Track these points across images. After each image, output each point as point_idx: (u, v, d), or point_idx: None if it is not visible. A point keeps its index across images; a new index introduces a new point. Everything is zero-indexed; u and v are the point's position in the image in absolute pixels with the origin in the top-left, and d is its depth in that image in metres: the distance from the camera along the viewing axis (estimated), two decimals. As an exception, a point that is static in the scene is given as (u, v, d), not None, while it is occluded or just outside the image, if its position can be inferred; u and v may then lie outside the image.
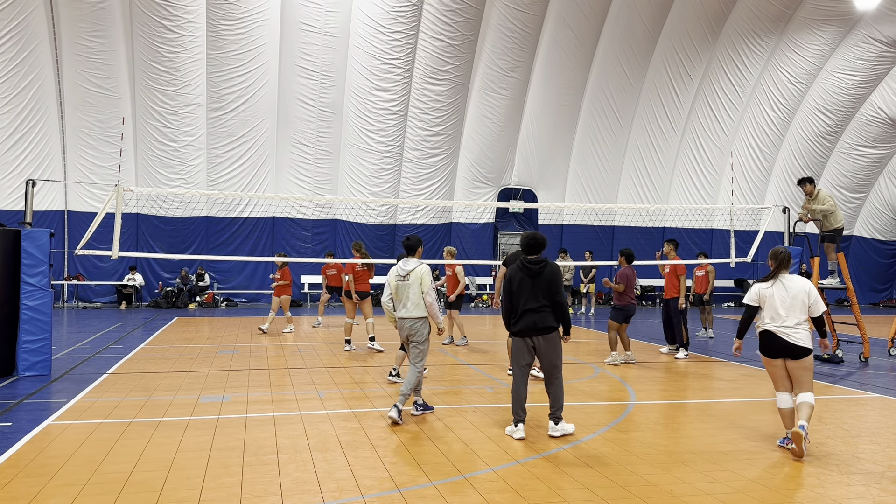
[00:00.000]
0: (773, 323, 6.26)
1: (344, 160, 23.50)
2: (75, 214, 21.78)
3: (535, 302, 6.56)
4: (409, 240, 7.71)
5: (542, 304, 6.56)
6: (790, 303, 6.24)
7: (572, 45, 23.82)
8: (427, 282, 7.34)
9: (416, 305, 7.35)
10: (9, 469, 5.44)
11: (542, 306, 6.55)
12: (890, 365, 11.91)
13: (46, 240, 9.81)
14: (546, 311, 6.56)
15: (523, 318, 6.58)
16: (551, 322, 6.57)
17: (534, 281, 6.59)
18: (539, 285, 6.57)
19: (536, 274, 6.60)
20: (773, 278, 6.42)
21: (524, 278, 6.63)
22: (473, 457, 5.91)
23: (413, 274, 7.38)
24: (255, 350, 12.47)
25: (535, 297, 6.56)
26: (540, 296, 6.56)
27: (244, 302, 23.62)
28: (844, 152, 27.88)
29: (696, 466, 5.72)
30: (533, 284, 6.59)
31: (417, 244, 7.70)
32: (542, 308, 6.56)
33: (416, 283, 7.34)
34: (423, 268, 7.42)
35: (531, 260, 6.68)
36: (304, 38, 21.85)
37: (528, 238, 6.77)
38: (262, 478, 5.30)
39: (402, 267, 7.48)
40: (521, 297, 6.62)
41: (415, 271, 7.38)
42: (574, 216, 25.65)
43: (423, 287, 7.32)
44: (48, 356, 9.75)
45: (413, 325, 7.38)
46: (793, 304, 6.24)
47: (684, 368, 11.03)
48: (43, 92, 20.71)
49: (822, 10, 24.60)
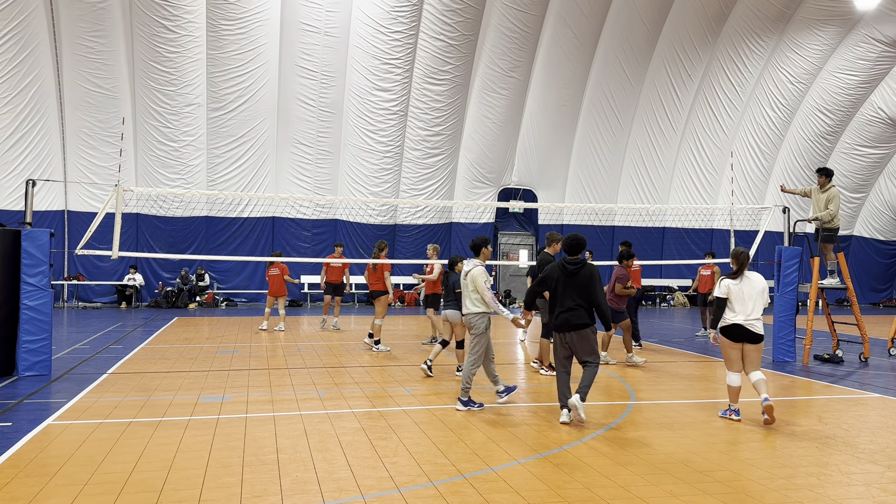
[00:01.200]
0: (740, 316, 7.32)
1: (344, 160, 23.50)
2: (75, 214, 21.79)
3: (570, 302, 7.06)
4: (474, 241, 8.23)
5: (577, 303, 7.04)
6: (755, 296, 7.36)
7: (572, 45, 23.82)
8: (480, 283, 7.76)
9: (473, 302, 7.83)
10: (9, 469, 5.43)
11: (576, 306, 7.04)
12: (890, 365, 11.91)
13: (46, 240, 9.80)
14: (579, 310, 7.03)
15: (560, 316, 7.11)
16: (584, 320, 7.02)
17: (571, 280, 7.10)
18: (575, 285, 7.07)
19: (573, 274, 7.10)
20: (739, 275, 7.48)
21: (562, 277, 7.15)
22: (473, 457, 5.91)
23: (469, 275, 7.86)
24: (255, 350, 12.46)
25: (570, 298, 7.07)
26: (575, 296, 7.06)
27: (244, 302, 23.62)
28: (844, 152, 27.88)
29: (696, 466, 5.72)
30: (570, 284, 7.09)
31: (481, 244, 8.14)
32: (575, 307, 7.04)
33: (472, 284, 7.82)
34: (477, 269, 7.84)
35: (570, 261, 7.19)
36: (304, 38, 21.85)
37: (569, 239, 7.29)
38: (262, 478, 5.30)
39: (464, 267, 8.03)
40: (558, 295, 7.14)
41: (471, 273, 7.85)
42: (574, 216, 25.66)
43: (477, 287, 7.76)
44: (48, 356, 9.75)
45: (471, 320, 7.83)
46: (757, 297, 7.37)
47: (684, 369, 11.02)
48: (43, 92, 20.71)
49: (822, 10, 24.61)
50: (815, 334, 14.98)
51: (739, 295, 7.38)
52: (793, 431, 6.96)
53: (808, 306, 12.56)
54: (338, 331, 15.57)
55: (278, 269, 15.20)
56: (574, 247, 7.24)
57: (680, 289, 27.16)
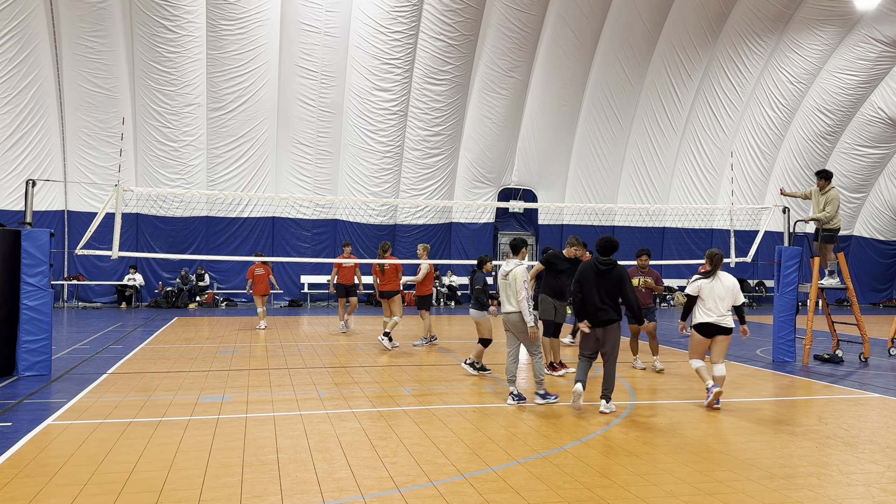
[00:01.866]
0: (714, 315, 7.97)
1: (344, 160, 23.50)
2: (75, 214, 21.78)
3: (600, 301, 7.67)
4: (513, 241, 8.45)
5: (606, 302, 7.66)
6: (725, 294, 7.98)
7: (572, 45, 23.81)
8: (520, 282, 7.99)
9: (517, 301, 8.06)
10: (9, 469, 5.44)
11: (605, 304, 7.66)
12: (890, 365, 11.91)
13: (46, 240, 9.80)
14: (608, 309, 7.68)
15: (590, 313, 7.70)
16: (612, 316, 7.67)
17: (601, 280, 7.69)
18: (605, 284, 7.67)
19: (604, 274, 7.70)
20: (712, 275, 8.08)
21: (594, 277, 7.72)
22: (473, 457, 5.91)
23: (511, 275, 8.06)
24: (255, 350, 12.47)
25: (600, 297, 7.67)
26: (605, 295, 7.66)
27: (244, 302, 23.62)
28: (844, 152, 27.87)
29: (697, 466, 5.72)
30: (600, 283, 7.68)
31: (521, 245, 8.39)
32: (604, 306, 7.67)
33: (514, 283, 8.04)
34: (519, 269, 8.07)
35: (602, 261, 7.76)
36: (304, 38, 21.84)
37: (602, 241, 7.84)
38: (262, 478, 5.30)
39: (504, 267, 8.20)
40: (590, 293, 7.70)
41: (513, 272, 8.06)
42: (574, 216, 25.64)
43: (517, 286, 7.99)
44: (48, 356, 9.75)
45: (514, 318, 8.06)
46: (727, 296, 7.98)
47: (684, 369, 11.02)
48: (43, 92, 20.70)
49: (822, 10, 24.60)
50: (815, 334, 14.98)
51: (711, 293, 8.00)
52: (793, 431, 6.97)
53: (808, 306, 12.56)
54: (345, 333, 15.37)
55: (263, 269, 15.90)
56: (607, 248, 7.80)
57: (679, 289, 27.15)
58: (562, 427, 7.01)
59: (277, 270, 23.78)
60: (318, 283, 23.90)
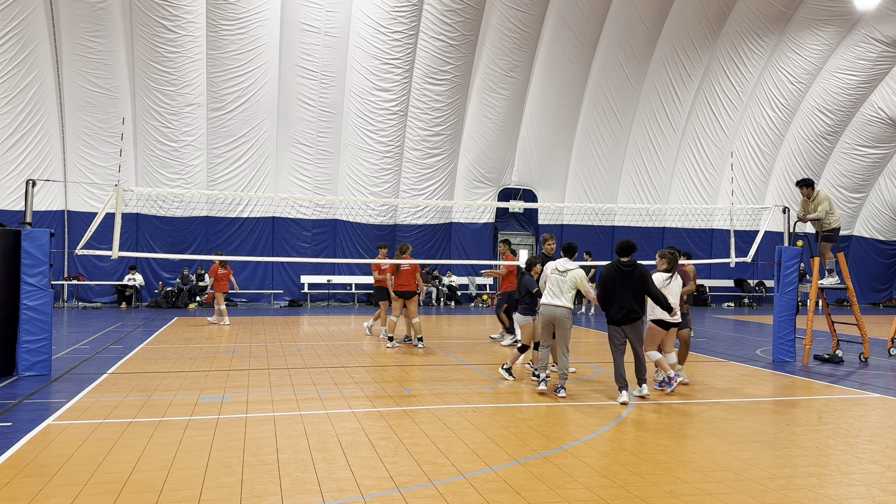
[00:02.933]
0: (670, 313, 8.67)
1: (344, 160, 23.50)
2: (75, 214, 21.78)
3: (625, 301, 8.18)
4: (568, 243, 8.98)
5: (630, 301, 8.17)
6: (678, 291, 8.85)
7: (572, 45, 23.81)
8: (585, 285, 8.68)
9: (567, 298, 8.56)
10: (9, 469, 5.44)
11: (629, 303, 8.17)
12: (890, 365, 11.91)
13: (46, 240, 9.80)
14: (635, 308, 8.20)
15: (617, 313, 8.24)
16: (637, 314, 8.23)
17: (625, 280, 8.19)
18: (629, 285, 8.18)
19: (627, 275, 8.20)
20: (672, 273, 8.83)
21: (617, 278, 8.24)
22: (473, 457, 5.91)
23: (570, 274, 8.59)
24: (255, 350, 12.47)
25: (625, 297, 8.18)
26: (630, 295, 8.18)
27: (244, 302, 23.62)
28: (844, 152, 27.87)
29: (696, 466, 5.72)
30: (624, 284, 8.19)
31: (576, 247, 8.98)
32: (628, 304, 8.18)
33: (572, 282, 8.57)
34: (579, 272, 8.65)
35: (623, 262, 8.27)
36: (304, 38, 21.84)
37: (621, 244, 8.36)
38: (262, 478, 5.30)
39: (563, 265, 8.68)
40: (614, 294, 8.23)
41: (573, 272, 8.61)
42: (574, 216, 25.63)
43: (583, 289, 8.68)
44: (48, 356, 9.75)
45: (563, 313, 8.55)
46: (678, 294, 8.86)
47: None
48: (43, 92, 20.70)
49: (822, 10, 24.60)
50: (815, 334, 14.98)
51: (670, 290, 8.69)
52: (793, 431, 6.97)
53: (808, 306, 12.56)
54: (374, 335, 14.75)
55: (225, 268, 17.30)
56: (625, 249, 8.32)
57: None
58: (562, 427, 7.01)
59: (278, 270, 23.83)
60: (317, 283, 23.91)
